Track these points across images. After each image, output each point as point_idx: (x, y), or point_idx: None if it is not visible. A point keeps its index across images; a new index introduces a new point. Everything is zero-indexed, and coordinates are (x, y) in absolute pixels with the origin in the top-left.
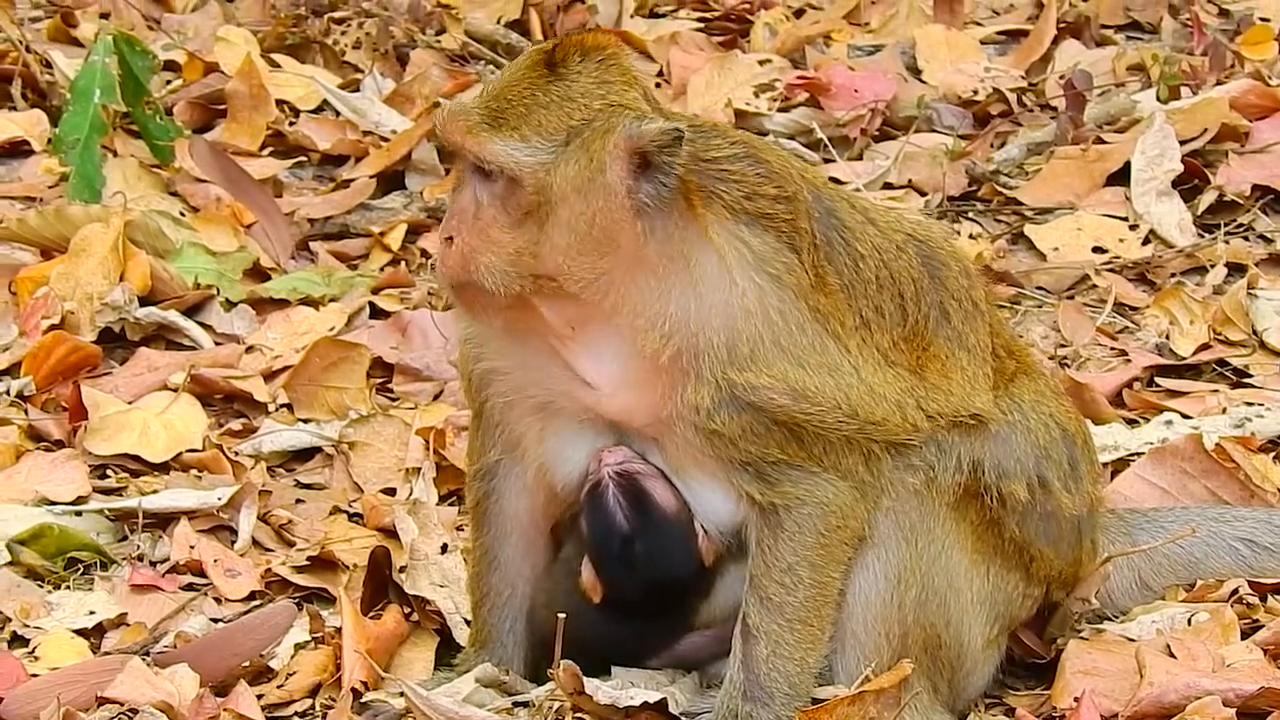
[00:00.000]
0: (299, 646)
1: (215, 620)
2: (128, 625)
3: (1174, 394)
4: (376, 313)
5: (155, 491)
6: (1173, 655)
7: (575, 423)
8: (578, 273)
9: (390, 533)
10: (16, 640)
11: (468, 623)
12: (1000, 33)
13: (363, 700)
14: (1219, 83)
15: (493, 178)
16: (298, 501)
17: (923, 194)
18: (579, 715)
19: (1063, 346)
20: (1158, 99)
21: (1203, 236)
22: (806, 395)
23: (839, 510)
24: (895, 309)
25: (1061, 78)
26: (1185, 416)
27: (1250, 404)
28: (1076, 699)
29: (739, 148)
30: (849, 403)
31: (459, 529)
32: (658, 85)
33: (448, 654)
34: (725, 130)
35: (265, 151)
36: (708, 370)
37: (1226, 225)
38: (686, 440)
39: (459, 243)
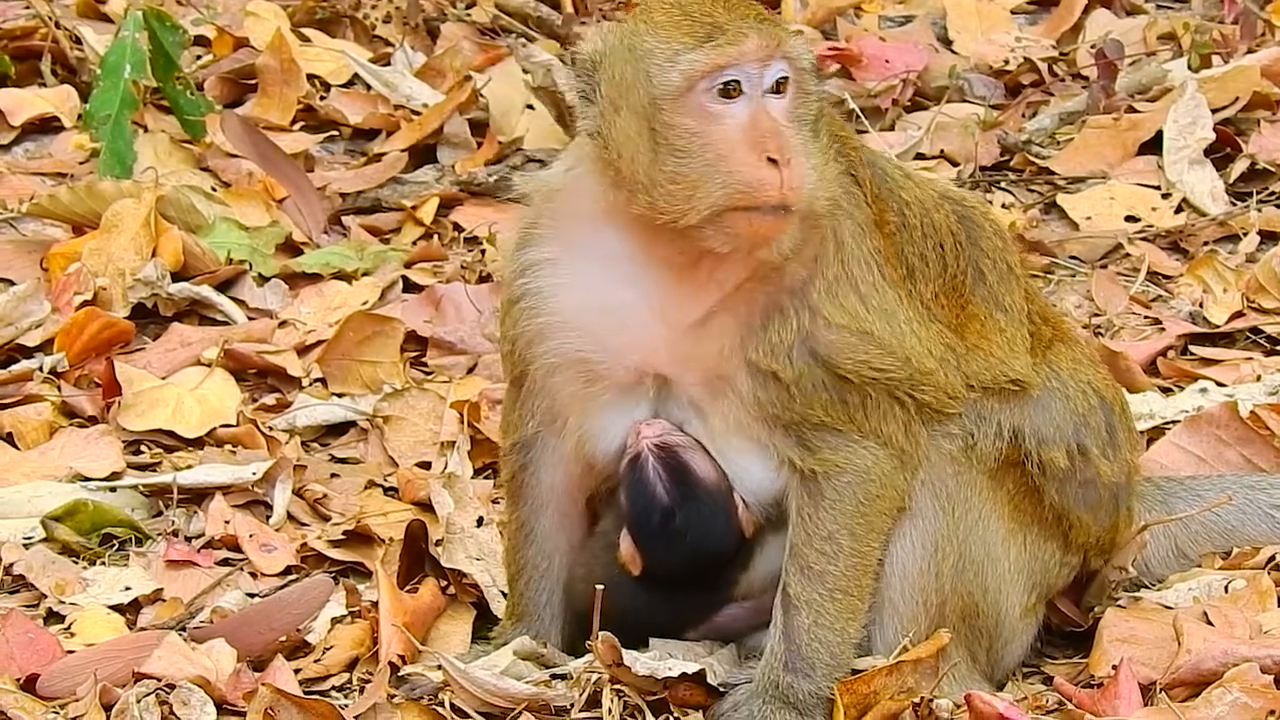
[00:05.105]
0: (335, 621)
1: (251, 595)
2: (164, 601)
3: (1208, 362)
4: (410, 287)
5: (189, 467)
6: (1210, 623)
7: (615, 393)
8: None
9: (426, 506)
10: (52, 617)
11: (504, 596)
12: (1031, 2)
13: (400, 674)
14: (1250, 51)
15: (781, 92)
16: (332, 476)
17: (955, 164)
18: (617, 687)
19: (1096, 315)
20: (1189, 68)
21: (1235, 205)
22: (870, 335)
23: (878, 479)
24: (936, 258)
25: (1093, 47)
26: (1219, 384)
27: None
28: (1114, 667)
29: None
30: (903, 349)
31: (494, 502)
32: None
33: (485, 627)
34: None
35: (296, 126)
36: (800, 298)
37: (1259, 193)
38: (739, 396)
39: (796, 166)
